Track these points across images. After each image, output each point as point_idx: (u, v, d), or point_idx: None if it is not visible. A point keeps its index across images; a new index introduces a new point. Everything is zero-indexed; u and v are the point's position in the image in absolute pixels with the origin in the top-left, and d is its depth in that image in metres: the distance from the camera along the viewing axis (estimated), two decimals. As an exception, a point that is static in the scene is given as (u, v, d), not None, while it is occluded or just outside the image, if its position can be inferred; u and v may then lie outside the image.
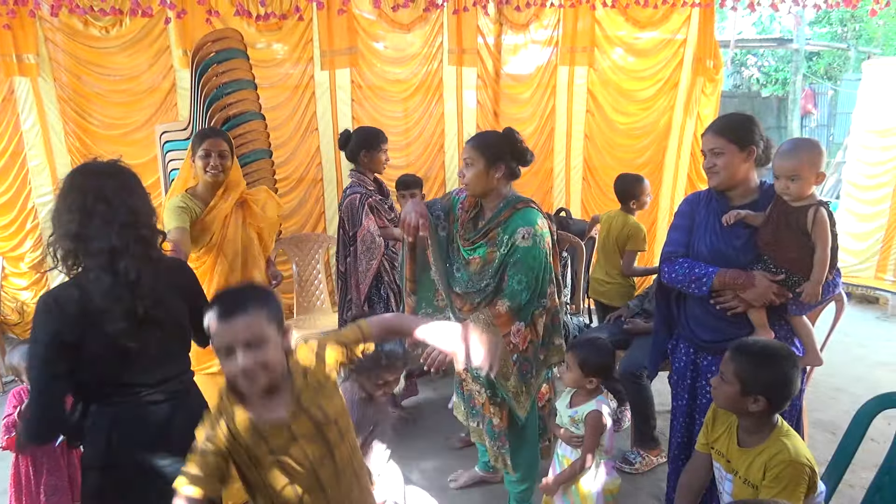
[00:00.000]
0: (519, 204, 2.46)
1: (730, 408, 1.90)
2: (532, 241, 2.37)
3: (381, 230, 3.47)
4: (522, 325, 2.40)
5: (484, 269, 2.45)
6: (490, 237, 2.45)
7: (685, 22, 5.19)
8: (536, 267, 2.38)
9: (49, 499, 2.61)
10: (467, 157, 2.46)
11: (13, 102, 4.43)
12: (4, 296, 4.72)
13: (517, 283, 2.37)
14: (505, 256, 2.39)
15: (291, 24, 4.70)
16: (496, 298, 2.40)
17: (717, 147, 2.23)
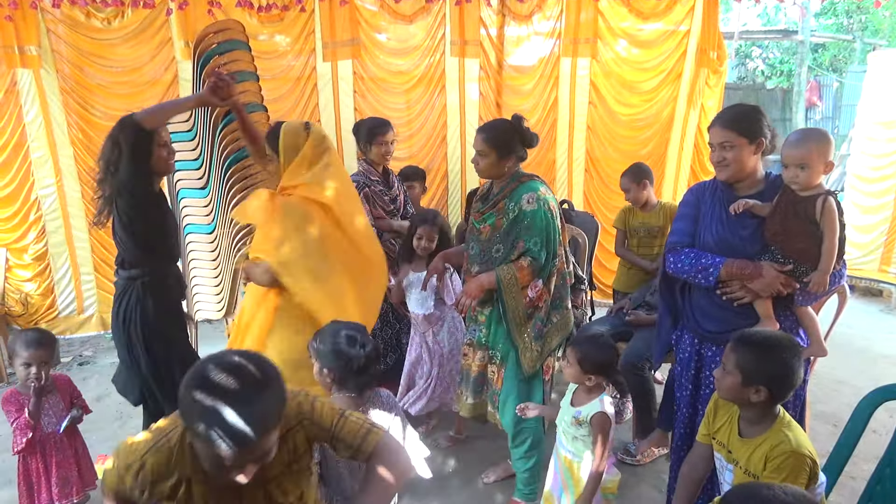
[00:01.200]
0: (523, 178, 2.71)
1: (732, 398, 1.90)
2: (537, 204, 2.61)
3: (376, 220, 3.54)
4: (541, 282, 2.64)
5: (493, 236, 2.70)
6: (498, 207, 2.69)
7: (689, 13, 5.16)
8: (545, 227, 2.61)
9: (61, 490, 2.65)
10: (480, 148, 2.67)
11: (16, 94, 4.44)
12: (8, 287, 4.74)
13: (534, 245, 2.60)
14: (513, 222, 2.62)
15: (293, 16, 4.69)
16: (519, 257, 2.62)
17: (726, 141, 2.21)
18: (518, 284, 2.60)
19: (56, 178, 4.58)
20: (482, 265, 2.73)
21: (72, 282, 4.78)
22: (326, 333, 1.99)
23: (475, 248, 2.79)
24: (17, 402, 2.55)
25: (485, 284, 2.64)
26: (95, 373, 4.72)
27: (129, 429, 3.81)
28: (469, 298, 2.67)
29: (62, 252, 4.72)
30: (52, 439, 2.64)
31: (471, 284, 2.68)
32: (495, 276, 2.62)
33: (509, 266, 2.61)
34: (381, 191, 3.61)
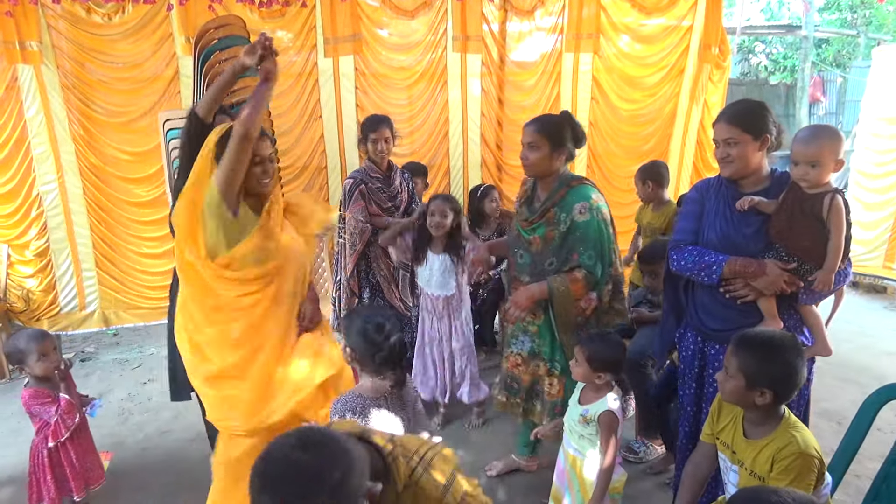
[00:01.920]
0: (573, 182, 2.59)
1: (736, 402, 1.88)
2: (589, 214, 2.50)
3: (371, 217, 3.57)
4: (595, 295, 2.55)
5: (545, 249, 2.58)
6: (548, 217, 2.57)
7: (692, 8, 5.14)
8: (599, 238, 2.51)
9: (88, 477, 2.74)
10: (532, 140, 2.55)
11: (16, 90, 4.42)
12: (10, 283, 4.73)
13: (588, 259, 2.51)
14: (566, 234, 2.52)
15: (294, 11, 4.67)
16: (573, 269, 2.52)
17: (731, 137, 2.19)
18: (571, 297, 2.49)
19: (57, 174, 4.57)
20: (533, 277, 2.62)
21: (73, 278, 4.77)
22: (357, 316, 2.01)
23: (525, 257, 2.68)
24: (43, 395, 2.59)
25: (535, 296, 2.54)
26: (97, 369, 4.72)
27: (130, 426, 3.81)
28: (519, 310, 2.55)
29: (64, 248, 4.71)
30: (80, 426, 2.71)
31: (520, 295, 2.56)
32: (547, 287, 2.51)
33: (563, 277, 2.50)
34: (379, 188, 3.61)
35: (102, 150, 4.62)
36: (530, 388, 2.81)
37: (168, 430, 3.69)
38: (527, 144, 2.57)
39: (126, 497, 3.09)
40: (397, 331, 1.97)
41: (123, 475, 3.25)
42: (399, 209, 3.68)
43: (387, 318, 1.98)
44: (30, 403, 2.58)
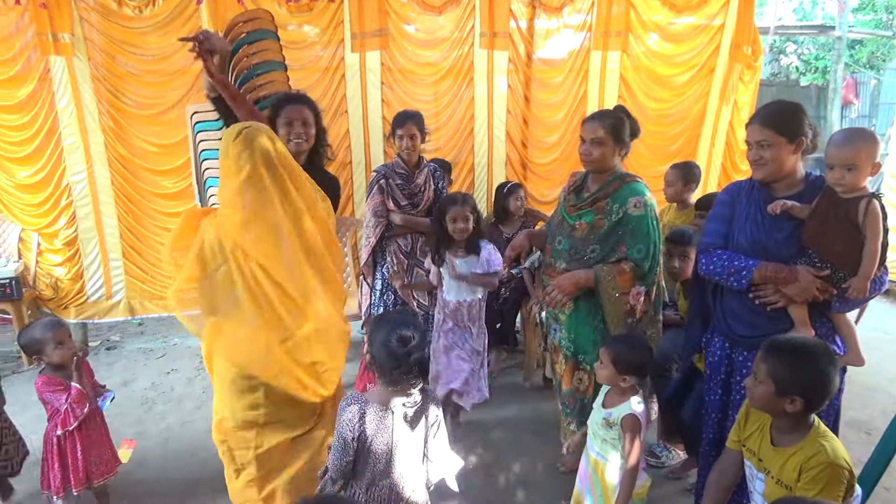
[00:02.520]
0: (627, 178, 2.64)
1: (765, 408, 1.85)
2: (644, 209, 2.55)
3: (389, 212, 3.63)
4: (643, 289, 2.58)
5: (590, 236, 2.61)
6: (598, 206, 2.61)
7: (723, 7, 5.05)
8: (651, 234, 2.56)
9: (97, 468, 2.75)
10: (596, 136, 2.58)
11: (49, 81, 4.47)
12: (39, 271, 4.81)
13: (637, 252, 2.55)
14: (616, 225, 2.55)
15: (322, 6, 4.67)
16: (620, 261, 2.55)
17: (764, 139, 2.15)
18: (618, 288, 2.52)
19: (87, 164, 4.63)
20: (571, 263, 2.64)
21: (100, 267, 4.83)
22: (385, 323, 1.95)
23: (564, 243, 2.70)
24: (55, 382, 2.62)
25: (581, 282, 2.56)
26: (122, 357, 4.79)
27: (153, 415, 3.86)
28: (562, 293, 2.58)
29: (92, 238, 4.77)
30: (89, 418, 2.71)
31: (565, 279, 2.58)
32: (594, 274, 2.53)
33: (609, 267, 2.53)
34: (400, 185, 3.63)
35: (131, 141, 4.67)
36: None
37: (190, 420, 3.74)
38: (590, 140, 2.60)
39: (148, 485, 3.13)
40: (421, 347, 1.90)
41: (146, 463, 3.29)
42: (418, 207, 3.67)
43: (414, 330, 1.90)
44: (42, 390, 2.62)
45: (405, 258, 3.70)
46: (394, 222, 3.64)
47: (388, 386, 1.93)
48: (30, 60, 4.43)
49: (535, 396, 3.94)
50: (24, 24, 4.37)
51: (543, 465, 3.24)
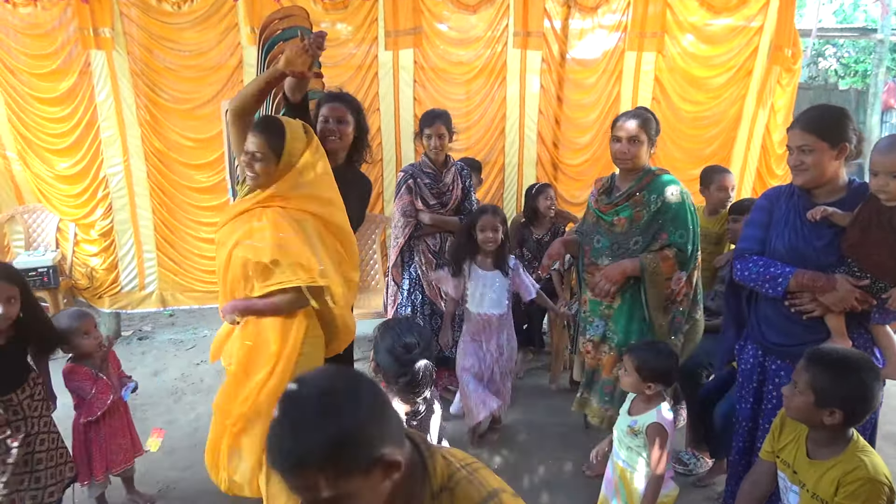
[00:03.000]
0: (658, 171, 2.74)
1: (802, 419, 1.81)
2: (681, 196, 2.65)
3: (418, 212, 3.63)
4: (684, 274, 2.67)
5: (631, 228, 2.70)
6: (634, 199, 2.70)
7: (763, 8, 4.96)
8: (690, 220, 2.65)
9: (116, 457, 2.79)
10: (635, 135, 2.67)
11: (89, 75, 4.56)
12: (76, 261, 4.91)
13: (679, 237, 2.64)
14: (656, 214, 2.65)
15: (357, 4, 4.69)
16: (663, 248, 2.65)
17: (806, 144, 2.10)
18: (662, 274, 2.63)
19: (123, 157, 4.71)
20: (614, 258, 2.73)
21: (135, 259, 4.91)
22: (390, 330, 1.92)
23: (603, 241, 2.79)
24: (82, 371, 2.65)
25: (628, 270, 2.66)
26: (154, 348, 4.87)
27: (184, 405, 3.91)
28: (610, 283, 2.67)
29: (127, 229, 4.86)
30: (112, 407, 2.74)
31: (612, 269, 2.68)
32: (639, 263, 2.63)
33: (654, 255, 2.63)
34: (428, 184, 3.63)
35: (167, 135, 4.74)
36: (590, 377, 2.86)
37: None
38: (628, 139, 2.66)
39: (178, 473, 3.18)
40: (426, 356, 1.86)
41: (175, 452, 3.34)
42: (447, 206, 3.67)
43: (419, 339, 1.87)
44: (69, 378, 2.65)
45: (434, 258, 3.70)
46: (423, 222, 3.65)
47: (395, 395, 1.91)
48: (71, 54, 4.52)
49: (562, 398, 3.91)
50: (67, 19, 4.46)
51: (569, 469, 3.22)
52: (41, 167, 4.72)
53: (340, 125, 2.90)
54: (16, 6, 4.38)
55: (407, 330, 1.91)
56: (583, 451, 3.28)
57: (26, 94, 4.55)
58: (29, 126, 4.61)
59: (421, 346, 1.86)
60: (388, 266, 3.82)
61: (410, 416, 1.88)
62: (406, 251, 3.74)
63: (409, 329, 1.91)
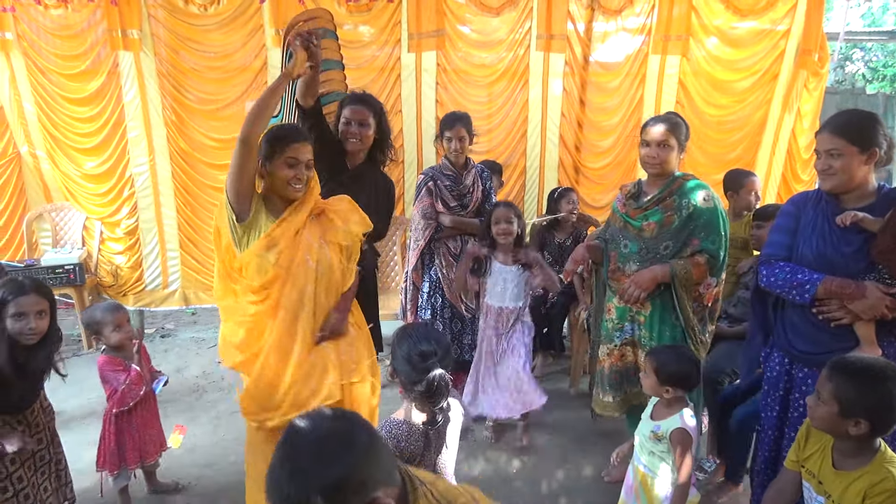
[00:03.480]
0: (686, 176, 2.72)
1: (827, 429, 1.78)
2: (713, 202, 2.64)
3: (438, 214, 3.63)
4: (714, 280, 2.67)
5: (661, 233, 2.68)
6: (665, 204, 2.68)
7: (789, 11, 4.90)
8: (722, 226, 2.64)
9: (146, 448, 2.87)
10: (665, 140, 2.65)
11: (117, 76, 4.64)
12: (101, 259, 4.99)
13: (711, 244, 2.63)
14: (687, 220, 2.63)
15: (381, 6, 4.72)
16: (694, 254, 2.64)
17: (834, 148, 2.07)
18: (693, 280, 2.62)
19: (149, 157, 4.78)
20: (643, 263, 2.71)
21: (158, 257, 4.98)
22: (408, 336, 1.90)
23: (631, 245, 2.77)
24: (116, 362, 2.74)
25: (658, 277, 2.65)
26: (176, 346, 4.93)
27: (204, 402, 3.95)
28: (640, 290, 2.66)
29: (151, 228, 4.93)
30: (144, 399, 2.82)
31: (643, 275, 2.66)
32: (670, 269, 2.62)
33: (685, 261, 2.62)
34: (448, 186, 3.63)
35: (191, 135, 4.80)
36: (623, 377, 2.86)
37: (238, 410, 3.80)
38: (657, 144, 2.65)
39: (195, 472, 3.22)
40: (443, 365, 1.83)
41: (196, 449, 3.38)
42: (467, 209, 3.67)
43: (437, 347, 1.84)
44: (104, 369, 2.73)
45: (454, 260, 3.69)
46: (443, 224, 3.65)
47: (412, 402, 1.90)
48: (100, 55, 4.61)
49: (581, 403, 3.89)
50: (96, 21, 4.54)
51: (588, 474, 3.20)
52: (69, 166, 4.80)
53: (362, 128, 2.93)
54: (47, 8, 4.47)
55: (424, 337, 1.87)
56: (602, 457, 3.27)
57: (56, 94, 4.64)
58: (58, 125, 4.70)
59: (438, 355, 1.83)
60: (408, 269, 3.80)
61: (428, 425, 1.87)
62: (426, 254, 3.74)
63: (426, 336, 1.88)
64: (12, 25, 4.48)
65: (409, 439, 1.84)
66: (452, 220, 3.64)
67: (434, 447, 1.93)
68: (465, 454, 3.27)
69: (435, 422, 1.86)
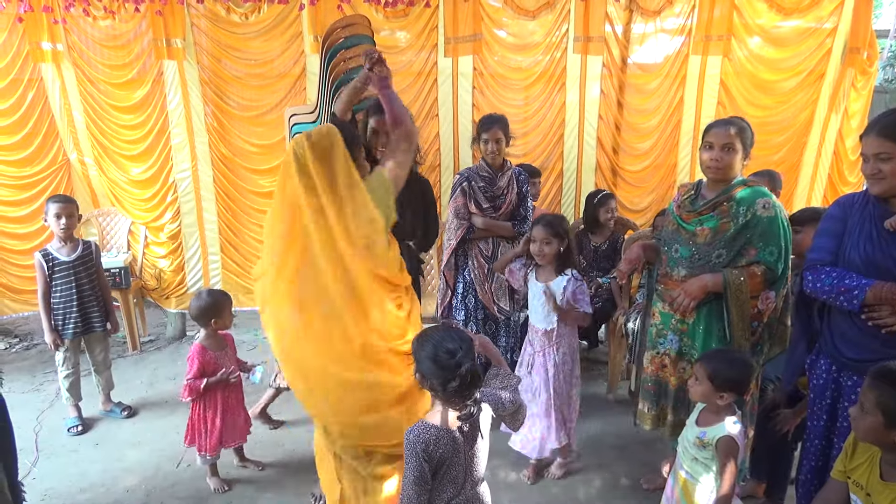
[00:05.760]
0: (749, 182, 2.58)
1: (873, 441, 1.72)
2: (774, 210, 2.49)
3: (470, 214, 3.64)
4: (773, 294, 2.52)
5: (715, 240, 2.55)
6: (721, 209, 2.55)
7: (836, 9, 4.77)
8: (783, 236, 2.49)
9: (230, 433, 3.15)
10: (729, 142, 2.53)
11: (162, 84, 4.76)
12: (145, 263, 5.12)
13: (769, 255, 2.48)
14: (743, 228, 2.50)
15: (418, 11, 4.75)
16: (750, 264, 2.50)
17: (884, 151, 2.00)
18: (747, 292, 2.47)
19: (192, 163, 4.89)
20: (693, 269, 2.59)
21: (200, 261, 5.09)
22: (429, 339, 1.90)
23: (682, 251, 2.64)
24: (205, 351, 3.07)
25: (709, 286, 2.52)
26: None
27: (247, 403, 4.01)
28: (689, 299, 2.54)
29: (193, 232, 5.04)
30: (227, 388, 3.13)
31: (692, 284, 2.54)
32: (722, 279, 2.49)
33: (740, 270, 2.48)
34: (482, 187, 3.63)
35: (233, 141, 4.90)
36: (679, 394, 2.70)
37: (277, 412, 3.86)
38: (721, 146, 2.52)
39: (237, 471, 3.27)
40: (470, 358, 1.83)
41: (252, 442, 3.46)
42: (500, 210, 3.64)
43: (460, 343, 1.85)
44: (193, 355, 3.03)
45: (486, 262, 3.68)
46: (475, 225, 3.64)
47: (445, 403, 1.89)
48: (146, 65, 4.74)
49: (619, 410, 3.84)
50: (142, 31, 4.68)
51: (626, 482, 3.15)
52: (116, 172, 4.95)
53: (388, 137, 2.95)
54: (95, 19, 4.62)
55: (446, 337, 1.88)
56: (640, 464, 3.22)
57: (104, 102, 4.78)
58: (106, 133, 4.85)
59: (463, 349, 1.84)
60: (441, 267, 3.82)
61: (464, 420, 1.87)
62: (461, 254, 3.75)
63: (447, 335, 1.89)
64: (63, 37, 4.64)
65: (438, 443, 1.84)
66: (484, 222, 3.63)
67: (468, 440, 1.93)
68: (500, 459, 3.25)
69: (470, 414, 1.87)
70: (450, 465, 1.87)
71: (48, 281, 3.59)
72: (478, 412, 1.92)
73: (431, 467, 1.84)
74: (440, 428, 1.86)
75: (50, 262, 3.59)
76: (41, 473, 3.24)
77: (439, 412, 1.90)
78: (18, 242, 4.94)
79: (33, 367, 4.62)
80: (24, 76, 4.71)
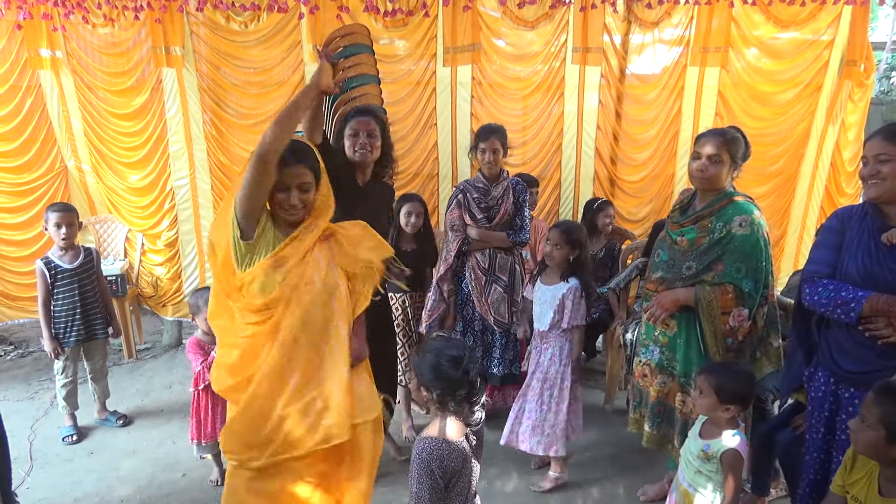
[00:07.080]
0: (736, 197, 2.57)
1: (872, 455, 1.72)
2: (750, 229, 2.47)
3: (465, 226, 3.63)
4: (746, 311, 2.50)
5: (688, 252, 2.58)
6: (701, 224, 2.57)
7: (833, 21, 4.79)
8: (756, 255, 2.48)
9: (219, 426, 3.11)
10: (716, 153, 2.53)
11: (160, 92, 4.76)
12: (142, 270, 5.10)
13: (736, 271, 2.48)
14: (716, 243, 2.51)
15: (417, 21, 4.76)
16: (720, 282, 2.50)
17: (884, 153, 2.01)
18: (717, 308, 2.49)
19: (190, 170, 4.88)
20: (666, 272, 2.65)
21: (197, 268, 5.08)
22: (430, 351, 1.87)
23: (663, 255, 2.70)
24: (201, 346, 3.11)
25: (681, 300, 2.56)
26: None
27: (241, 413, 3.99)
28: (661, 310, 2.59)
29: (190, 240, 5.03)
30: None
31: (665, 296, 2.59)
32: (694, 294, 2.52)
33: (713, 288, 2.50)
34: (476, 198, 3.63)
35: (231, 149, 4.89)
36: (660, 407, 2.74)
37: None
38: (708, 156, 2.53)
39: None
40: (475, 362, 1.83)
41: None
42: (493, 221, 3.63)
43: (462, 350, 1.83)
44: (189, 350, 3.12)
45: (483, 274, 3.67)
46: (470, 236, 3.64)
47: (453, 415, 1.86)
48: (144, 72, 4.74)
49: (617, 420, 3.83)
50: (141, 39, 4.68)
51: (622, 493, 3.14)
52: (113, 179, 4.94)
53: (371, 139, 2.98)
54: (95, 26, 4.62)
55: (445, 346, 1.87)
56: (637, 474, 3.22)
57: (102, 109, 4.78)
58: (104, 140, 4.84)
59: (466, 356, 1.83)
60: (435, 278, 3.76)
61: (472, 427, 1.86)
62: (459, 267, 3.73)
63: (447, 344, 1.88)
64: (62, 44, 4.64)
65: (451, 457, 1.81)
66: (479, 232, 3.62)
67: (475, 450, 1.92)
68: (499, 469, 3.24)
69: (477, 422, 1.86)
70: (458, 477, 1.85)
71: (49, 289, 3.59)
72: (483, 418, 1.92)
73: (445, 483, 1.81)
74: (450, 441, 1.83)
75: (52, 270, 3.58)
76: (35, 483, 3.22)
77: (437, 426, 1.87)
78: (15, 249, 4.92)
79: (28, 375, 4.61)
80: (23, 83, 4.71)
